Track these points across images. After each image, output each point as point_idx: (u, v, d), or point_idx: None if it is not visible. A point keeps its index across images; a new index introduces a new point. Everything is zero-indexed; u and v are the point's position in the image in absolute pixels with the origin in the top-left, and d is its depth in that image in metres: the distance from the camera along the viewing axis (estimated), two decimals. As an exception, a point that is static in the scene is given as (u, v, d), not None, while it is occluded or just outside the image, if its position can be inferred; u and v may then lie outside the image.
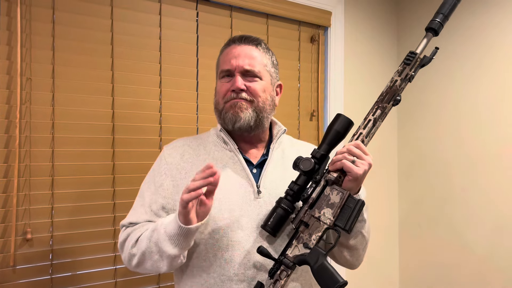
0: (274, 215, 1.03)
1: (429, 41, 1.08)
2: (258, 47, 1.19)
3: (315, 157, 1.05)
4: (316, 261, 0.99)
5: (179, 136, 1.69)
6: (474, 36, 2.06)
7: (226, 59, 1.17)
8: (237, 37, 1.20)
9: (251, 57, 1.16)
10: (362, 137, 1.05)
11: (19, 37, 1.41)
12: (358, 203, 1.01)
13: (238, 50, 1.17)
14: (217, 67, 1.24)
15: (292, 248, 1.03)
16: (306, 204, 1.04)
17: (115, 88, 1.60)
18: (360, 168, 1.00)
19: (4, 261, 1.40)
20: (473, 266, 2.06)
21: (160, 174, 1.16)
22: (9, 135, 1.41)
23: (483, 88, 2.03)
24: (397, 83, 1.06)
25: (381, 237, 2.39)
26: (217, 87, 1.21)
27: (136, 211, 1.16)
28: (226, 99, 1.16)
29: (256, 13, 1.96)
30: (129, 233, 1.12)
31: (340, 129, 1.05)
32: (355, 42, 2.30)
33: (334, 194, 1.01)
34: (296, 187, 1.04)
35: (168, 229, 1.01)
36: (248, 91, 1.14)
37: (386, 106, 1.06)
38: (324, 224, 1.01)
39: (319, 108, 2.17)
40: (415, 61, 1.06)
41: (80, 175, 1.54)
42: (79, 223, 1.54)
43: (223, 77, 1.18)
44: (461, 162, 2.12)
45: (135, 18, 1.65)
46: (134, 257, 1.08)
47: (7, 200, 1.41)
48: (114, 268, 1.60)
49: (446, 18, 1.08)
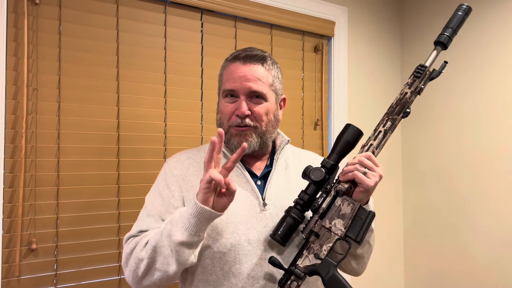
0: (284, 225, 1.02)
1: (438, 55, 1.09)
2: (264, 65, 1.15)
3: (325, 167, 1.05)
4: (327, 272, 0.99)
5: (184, 145, 1.70)
6: (477, 42, 2.07)
7: (230, 78, 1.13)
8: (243, 55, 1.15)
9: (256, 79, 1.12)
10: (373, 148, 1.05)
11: (26, 48, 1.42)
12: (369, 214, 1.01)
13: (243, 70, 1.13)
14: (220, 82, 1.20)
15: (302, 259, 1.02)
16: (316, 214, 1.03)
17: (120, 98, 1.61)
18: (371, 180, 1.00)
19: (10, 271, 1.40)
20: (479, 275, 2.04)
21: (168, 186, 1.14)
22: (15, 145, 1.42)
23: (486, 94, 2.03)
24: (407, 95, 1.06)
25: (386, 246, 2.38)
26: (220, 105, 1.17)
27: (143, 221, 1.12)
28: (231, 123, 1.13)
29: (260, 23, 1.97)
30: (137, 241, 1.06)
31: (350, 139, 1.05)
32: (359, 51, 2.31)
33: (345, 205, 1.02)
34: (306, 196, 1.04)
35: (182, 211, 1.00)
36: (252, 116, 1.13)
37: (396, 118, 1.06)
38: (335, 235, 1.01)
39: (323, 117, 2.17)
40: (425, 74, 1.06)
41: (85, 184, 1.54)
42: (84, 233, 1.54)
43: (227, 96, 1.15)
44: (465, 170, 2.11)
45: (140, 29, 1.66)
46: (142, 261, 1.02)
47: (13, 210, 1.41)
48: (118, 278, 1.60)
49: (454, 32, 1.09)
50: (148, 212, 1.13)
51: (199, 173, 1.16)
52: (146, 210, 1.15)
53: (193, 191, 1.11)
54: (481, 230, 2.04)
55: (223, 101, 1.16)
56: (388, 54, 2.44)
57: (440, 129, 2.24)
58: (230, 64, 1.16)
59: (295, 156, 1.28)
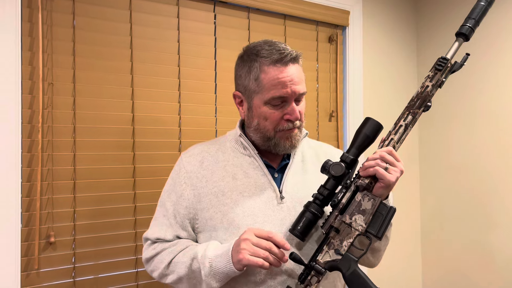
0: (303, 219, 1.01)
1: (459, 46, 1.05)
2: (300, 63, 1.11)
3: (345, 161, 1.03)
4: (348, 268, 0.98)
5: (198, 138, 1.70)
6: (492, 35, 2.01)
7: (277, 83, 1.05)
8: (287, 59, 1.06)
9: (300, 80, 1.08)
10: (393, 143, 1.02)
11: (41, 42, 1.43)
12: (390, 210, 1.00)
13: (289, 72, 1.06)
14: (256, 85, 1.08)
15: (323, 254, 1.01)
16: (336, 209, 1.02)
17: (134, 91, 1.61)
18: (393, 175, 0.98)
19: (29, 265, 1.41)
20: (498, 270, 2.00)
21: (180, 183, 1.14)
22: (32, 139, 1.43)
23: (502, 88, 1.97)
24: (428, 88, 1.03)
25: (403, 243, 2.35)
26: (262, 112, 1.09)
27: (159, 223, 1.15)
28: (280, 128, 1.09)
29: (274, 14, 1.95)
30: (158, 251, 1.12)
31: (369, 133, 1.03)
32: (374, 41, 2.27)
33: (365, 200, 1.00)
34: (326, 191, 1.02)
35: (216, 265, 1.01)
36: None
37: (417, 112, 1.03)
38: (355, 231, 1.00)
39: (338, 108, 2.14)
40: (446, 67, 1.03)
41: (101, 178, 1.55)
42: (101, 226, 1.55)
43: (272, 102, 1.07)
44: (481, 165, 2.06)
45: (153, 22, 1.66)
46: (167, 277, 1.10)
47: (31, 204, 1.42)
48: (135, 271, 1.60)
49: (477, 23, 1.05)
50: (164, 212, 1.16)
51: (213, 166, 1.15)
52: (162, 209, 1.17)
53: (208, 187, 1.12)
54: (497, 223, 1.99)
55: (266, 108, 1.08)
56: (403, 43, 2.39)
57: (456, 124, 2.19)
58: (272, 67, 1.06)
59: (312, 149, 1.26)
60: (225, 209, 1.08)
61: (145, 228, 1.61)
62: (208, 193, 1.11)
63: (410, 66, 2.41)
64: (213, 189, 1.11)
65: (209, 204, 1.09)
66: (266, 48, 1.08)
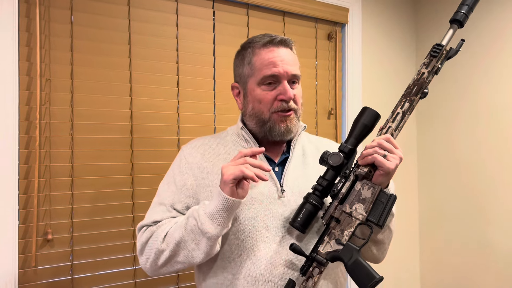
0: (303, 211, 1.01)
1: (454, 33, 1.05)
2: (293, 50, 1.16)
3: (343, 151, 1.03)
4: (350, 258, 0.98)
5: (197, 135, 1.68)
6: (494, 30, 2.01)
7: (269, 63, 1.09)
8: (277, 40, 1.11)
9: (294, 62, 1.12)
10: (391, 130, 1.02)
11: (38, 38, 1.41)
12: (391, 198, 0.99)
13: (280, 53, 1.10)
14: (250, 68, 1.13)
15: (324, 245, 1.01)
16: (336, 199, 1.01)
17: (133, 88, 1.60)
18: (392, 162, 0.97)
19: (26, 262, 1.40)
20: (497, 268, 2.00)
21: (181, 173, 1.14)
22: (30, 136, 1.42)
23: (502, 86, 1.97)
24: (424, 75, 1.04)
25: (401, 238, 2.35)
26: (256, 95, 1.11)
27: (155, 211, 1.12)
28: (275, 109, 1.10)
29: (273, 11, 1.94)
30: (153, 230, 1.06)
31: (367, 122, 1.03)
32: (373, 38, 2.26)
33: (365, 189, 1.00)
34: (325, 182, 1.02)
35: (209, 208, 0.99)
36: (293, 100, 1.11)
37: (414, 99, 1.03)
38: (356, 220, 0.99)
39: (337, 106, 2.14)
40: (442, 53, 1.03)
41: (99, 175, 1.54)
42: (99, 224, 1.54)
43: (265, 83, 1.10)
44: (480, 164, 2.06)
45: (152, 18, 1.64)
46: (163, 253, 1.02)
47: (28, 201, 1.41)
48: (133, 269, 1.60)
49: (471, 9, 1.05)
50: (161, 201, 1.13)
51: (214, 159, 1.15)
52: (159, 198, 1.15)
53: (209, 178, 1.11)
54: (496, 222, 2.00)
55: (260, 89, 1.11)
56: (403, 41, 2.39)
57: (455, 121, 2.19)
58: (263, 49, 1.11)
59: (312, 143, 1.26)
60: None
61: (144, 225, 1.61)
62: (208, 184, 1.11)
63: (409, 64, 2.41)
64: (214, 181, 1.10)
65: (209, 195, 1.09)
66: (259, 36, 1.15)
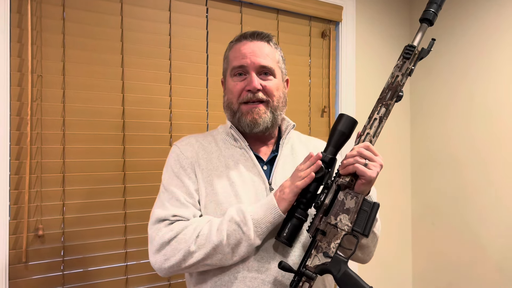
0: (288, 226, 1.00)
1: (424, 32, 1.06)
2: (270, 43, 1.17)
3: (324, 161, 1.02)
4: (339, 270, 0.97)
5: (189, 132, 1.69)
6: (484, 31, 2.02)
7: (239, 55, 1.14)
8: (249, 33, 1.17)
9: (265, 54, 1.14)
10: (370, 137, 1.01)
11: (30, 34, 1.41)
12: (374, 206, 0.98)
13: (251, 46, 1.14)
14: (226, 62, 1.20)
15: (311, 258, 1.00)
16: (319, 211, 1.01)
17: (125, 85, 1.60)
18: (373, 170, 0.97)
19: (16, 257, 1.41)
20: (487, 265, 2.02)
21: (184, 168, 1.12)
22: (21, 132, 1.42)
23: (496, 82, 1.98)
24: (398, 78, 1.03)
25: (394, 236, 2.36)
26: (228, 85, 1.17)
27: (172, 204, 1.07)
28: (242, 99, 1.13)
29: (266, 9, 1.94)
30: (178, 231, 1.02)
31: (344, 129, 1.03)
32: (367, 36, 2.27)
33: (348, 198, 0.99)
34: (308, 194, 1.02)
35: (257, 215, 1.00)
36: (263, 91, 1.12)
37: (390, 103, 1.02)
38: (342, 231, 0.98)
39: (330, 104, 2.15)
40: (414, 54, 1.03)
41: (91, 172, 1.54)
42: (90, 220, 1.54)
43: (236, 74, 1.15)
44: (474, 159, 2.07)
45: (144, 15, 1.64)
46: (193, 255, 1.00)
47: (19, 197, 1.41)
48: (125, 265, 1.60)
49: (439, 7, 1.07)
50: (172, 195, 1.09)
51: (207, 156, 1.15)
52: (169, 194, 1.09)
53: (204, 175, 1.11)
54: (490, 219, 2.01)
55: (231, 80, 1.16)
56: (397, 39, 2.39)
57: (449, 117, 2.20)
58: (237, 43, 1.17)
59: (302, 142, 1.26)
60: (217, 199, 1.08)
61: (135, 221, 1.61)
62: (203, 180, 1.11)
63: (402, 63, 2.41)
64: (208, 178, 1.11)
65: (204, 192, 1.09)
66: (241, 33, 1.20)
